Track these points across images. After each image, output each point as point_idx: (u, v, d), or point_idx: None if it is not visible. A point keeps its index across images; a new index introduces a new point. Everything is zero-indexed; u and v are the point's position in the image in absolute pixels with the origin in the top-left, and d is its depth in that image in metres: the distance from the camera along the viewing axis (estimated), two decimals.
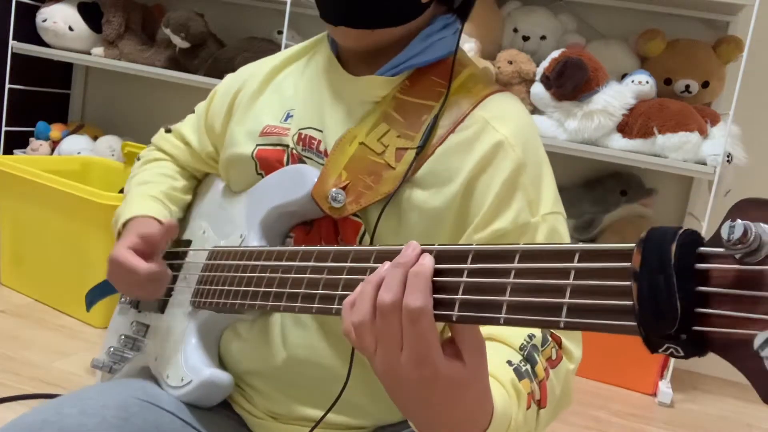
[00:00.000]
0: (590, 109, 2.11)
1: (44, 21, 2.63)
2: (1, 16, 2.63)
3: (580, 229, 2.34)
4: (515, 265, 0.49)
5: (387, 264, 0.55)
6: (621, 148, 2.13)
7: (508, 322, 0.49)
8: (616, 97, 2.11)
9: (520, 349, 0.69)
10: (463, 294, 0.51)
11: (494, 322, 0.49)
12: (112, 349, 0.97)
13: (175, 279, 0.90)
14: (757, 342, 0.37)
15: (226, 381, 0.82)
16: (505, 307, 0.49)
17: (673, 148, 2.07)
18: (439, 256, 0.54)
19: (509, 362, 0.67)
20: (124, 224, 0.90)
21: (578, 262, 0.46)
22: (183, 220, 0.99)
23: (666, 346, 0.42)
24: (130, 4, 2.68)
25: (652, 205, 2.38)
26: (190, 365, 0.82)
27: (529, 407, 0.65)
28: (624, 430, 1.85)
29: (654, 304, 0.41)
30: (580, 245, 0.47)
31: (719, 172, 2.01)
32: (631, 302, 0.42)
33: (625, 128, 2.15)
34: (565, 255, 0.47)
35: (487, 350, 0.55)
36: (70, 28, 2.65)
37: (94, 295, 1.05)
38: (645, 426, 1.90)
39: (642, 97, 2.16)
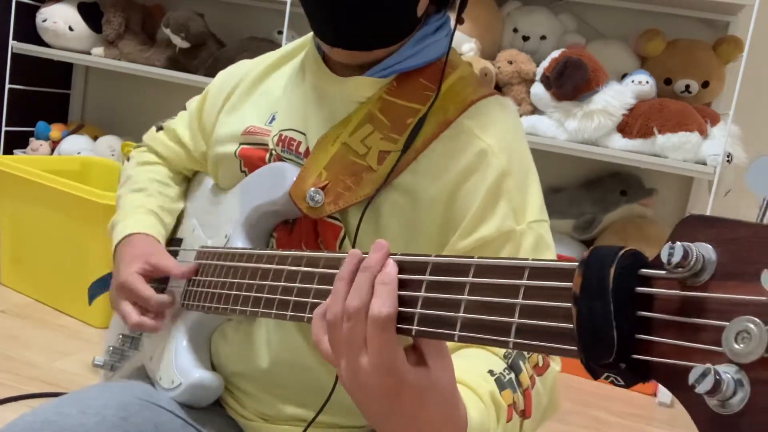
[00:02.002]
0: (590, 109, 2.11)
1: (44, 21, 2.63)
2: (1, 16, 2.63)
3: (580, 229, 2.34)
4: (470, 279, 0.49)
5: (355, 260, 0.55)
6: (621, 148, 2.13)
7: (462, 339, 0.48)
8: (616, 97, 2.11)
9: (504, 356, 0.68)
10: (421, 308, 0.51)
11: (449, 338, 0.49)
12: (111, 348, 0.98)
13: (168, 278, 0.90)
14: (693, 376, 0.35)
15: (215, 383, 0.83)
16: (459, 324, 0.48)
17: (673, 148, 2.07)
18: (400, 267, 0.53)
19: (491, 372, 0.65)
20: (123, 239, 0.89)
21: (528, 279, 0.45)
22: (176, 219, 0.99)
23: (606, 374, 0.41)
24: (130, 4, 2.68)
25: (652, 205, 2.38)
26: (179, 367, 0.83)
27: (510, 419, 0.64)
28: (624, 430, 1.85)
29: (591, 331, 0.40)
30: (530, 261, 0.46)
31: (719, 172, 2.01)
32: (572, 326, 0.41)
33: (625, 128, 2.14)
34: (516, 271, 0.46)
35: (470, 358, 0.54)
36: (70, 28, 2.65)
37: (96, 289, 1.05)
38: (645, 426, 1.90)
39: (642, 97, 2.16)
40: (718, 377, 0.34)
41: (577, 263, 0.42)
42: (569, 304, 0.42)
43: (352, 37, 0.75)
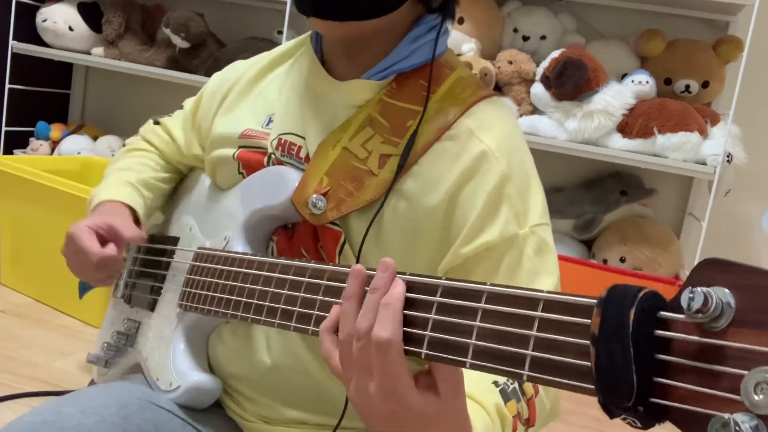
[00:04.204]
0: (590, 109, 2.11)
1: (44, 21, 2.63)
2: (1, 16, 2.63)
3: (580, 229, 2.34)
4: (482, 305, 0.49)
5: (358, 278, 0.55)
6: (621, 148, 2.13)
7: (474, 367, 0.48)
8: (616, 97, 2.11)
9: None
10: (431, 331, 0.51)
11: (461, 364, 0.49)
12: (106, 345, 0.98)
13: (164, 278, 0.90)
14: (713, 426, 0.35)
15: (213, 386, 0.83)
16: (471, 352, 0.48)
17: (673, 148, 2.07)
18: (410, 287, 0.53)
19: (495, 383, 0.66)
20: (96, 206, 0.91)
21: (542, 311, 0.45)
22: (170, 216, 0.99)
23: (623, 416, 0.41)
24: (130, 4, 2.68)
25: (652, 205, 2.38)
26: (177, 370, 0.82)
27: (515, 430, 0.64)
28: (624, 431, 1.85)
29: (610, 374, 0.40)
30: (545, 294, 0.46)
31: (719, 172, 2.01)
32: (590, 364, 0.41)
33: (625, 128, 2.15)
34: (530, 302, 0.46)
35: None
36: (70, 28, 2.65)
37: (87, 284, 1.05)
38: None
39: (642, 97, 2.16)
40: (738, 428, 0.34)
41: (594, 300, 0.42)
42: (586, 341, 0.42)
43: (324, 4, 0.74)
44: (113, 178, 0.96)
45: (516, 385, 0.67)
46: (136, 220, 0.92)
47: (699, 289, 0.37)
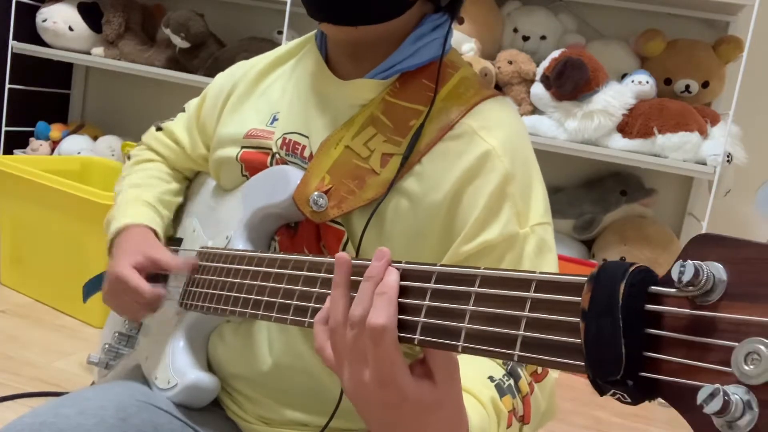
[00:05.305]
0: (590, 109, 2.11)
1: (44, 21, 2.63)
2: (1, 16, 2.63)
3: (580, 229, 2.34)
4: (476, 289, 0.49)
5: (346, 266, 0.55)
6: (621, 148, 2.13)
7: (466, 351, 0.48)
8: (616, 97, 2.11)
9: (503, 363, 0.68)
10: (425, 317, 0.51)
11: (453, 348, 0.49)
12: (107, 346, 0.98)
13: (166, 278, 0.90)
14: (701, 396, 0.35)
15: (212, 385, 0.82)
16: (463, 335, 0.48)
17: (673, 148, 2.07)
18: (405, 275, 0.53)
19: (491, 378, 0.66)
20: (119, 231, 0.89)
21: (534, 291, 0.45)
22: (175, 218, 0.99)
23: (612, 391, 0.41)
24: (130, 4, 2.68)
25: (652, 205, 2.38)
26: (176, 368, 0.82)
27: (510, 425, 0.64)
28: (624, 431, 1.85)
29: (599, 348, 0.40)
30: (537, 274, 0.46)
31: (719, 172, 2.01)
32: (580, 341, 0.41)
33: (625, 128, 2.15)
34: (523, 283, 0.46)
35: (469, 364, 0.54)
36: (70, 28, 2.65)
37: (91, 287, 1.05)
38: (645, 426, 1.89)
39: (642, 97, 2.16)
40: (726, 398, 0.34)
41: (585, 278, 0.42)
42: (576, 319, 0.42)
43: (337, 10, 0.74)
44: (128, 197, 0.94)
45: (511, 381, 0.67)
46: None
47: (690, 261, 0.37)
